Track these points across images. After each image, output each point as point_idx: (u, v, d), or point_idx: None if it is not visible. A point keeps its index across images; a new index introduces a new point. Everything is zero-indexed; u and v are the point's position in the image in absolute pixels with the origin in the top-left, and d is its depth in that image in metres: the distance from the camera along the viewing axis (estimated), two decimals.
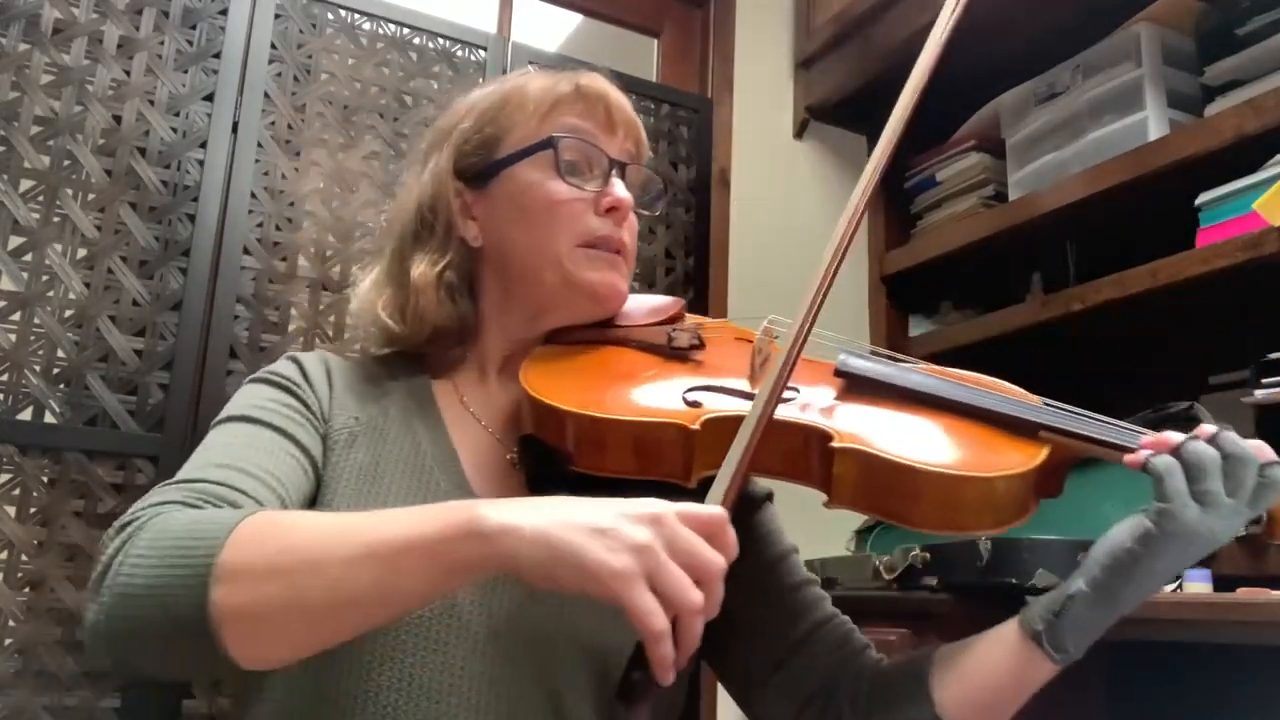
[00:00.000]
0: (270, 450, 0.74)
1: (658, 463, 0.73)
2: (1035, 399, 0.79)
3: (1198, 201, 1.52)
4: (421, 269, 0.85)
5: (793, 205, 2.19)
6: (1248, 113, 1.44)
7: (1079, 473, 1.90)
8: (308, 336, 1.67)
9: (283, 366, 0.85)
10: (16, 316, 1.47)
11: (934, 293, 2.15)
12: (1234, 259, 1.42)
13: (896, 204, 2.22)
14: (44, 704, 1.39)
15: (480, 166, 0.87)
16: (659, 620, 0.54)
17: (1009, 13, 1.82)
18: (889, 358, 0.85)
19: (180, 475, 0.71)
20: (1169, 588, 1.43)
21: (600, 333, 0.87)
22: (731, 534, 0.59)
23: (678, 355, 0.84)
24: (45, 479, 1.45)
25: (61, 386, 1.48)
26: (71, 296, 1.50)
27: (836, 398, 0.78)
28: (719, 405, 0.75)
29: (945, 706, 0.75)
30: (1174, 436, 0.70)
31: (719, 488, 0.63)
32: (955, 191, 2.06)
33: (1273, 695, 1.26)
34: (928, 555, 1.42)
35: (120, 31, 1.60)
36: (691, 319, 0.92)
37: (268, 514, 0.63)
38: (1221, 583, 1.41)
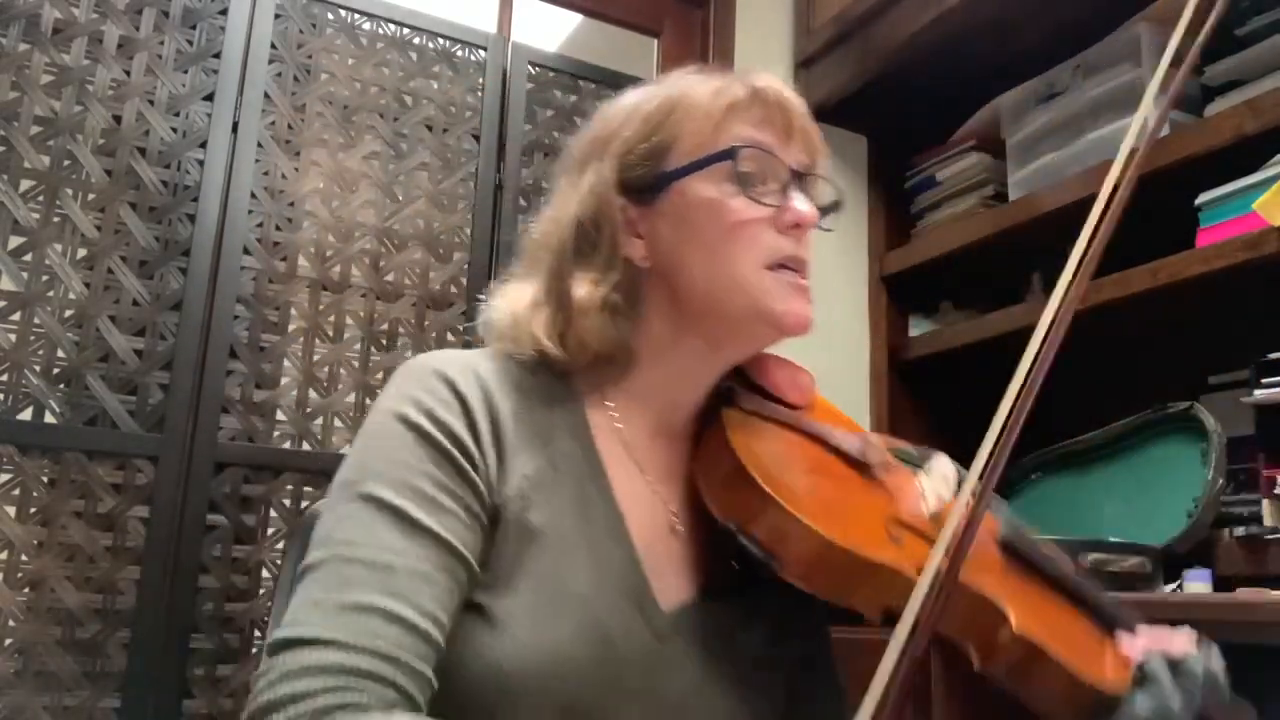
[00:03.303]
0: (430, 576, 0.64)
1: (853, 594, 0.68)
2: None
3: (1198, 201, 1.52)
4: (585, 290, 0.76)
5: None
6: (1248, 113, 1.44)
7: (1079, 474, 1.90)
8: (308, 336, 1.67)
9: (442, 407, 0.70)
10: (16, 316, 1.47)
11: (934, 293, 2.15)
12: (1234, 259, 1.42)
13: (896, 204, 2.21)
14: (44, 704, 1.39)
15: (647, 179, 0.78)
16: None
17: (1009, 13, 1.82)
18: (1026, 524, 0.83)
19: (320, 612, 0.61)
20: (1169, 588, 1.43)
21: (792, 415, 0.79)
22: None
23: (868, 474, 0.76)
24: (45, 479, 1.45)
25: (61, 386, 1.48)
26: (71, 296, 1.50)
27: (1001, 567, 0.75)
28: (919, 554, 0.68)
29: None
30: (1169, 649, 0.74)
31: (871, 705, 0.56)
32: (955, 191, 2.06)
33: (1273, 695, 1.26)
34: None
35: (120, 31, 1.60)
36: (828, 407, 0.85)
37: None
38: (1221, 583, 1.41)
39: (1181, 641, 0.75)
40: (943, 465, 0.82)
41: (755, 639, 0.74)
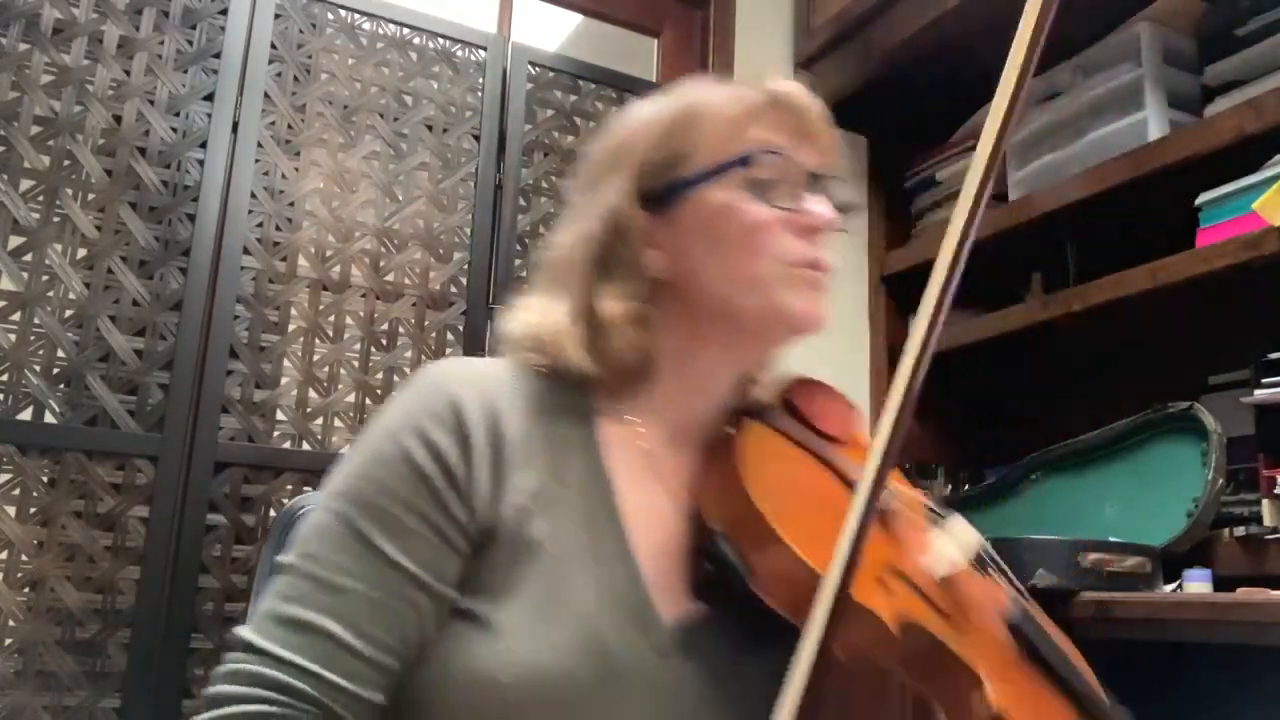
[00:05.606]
0: (381, 602, 0.65)
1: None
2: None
3: (1198, 201, 1.52)
4: (611, 305, 0.76)
5: None
6: (1248, 113, 1.44)
7: (1078, 474, 1.90)
8: (308, 337, 1.67)
9: (437, 427, 0.69)
10: (16, 316, 1.47)
11: None
12: (1234, 259, 1.42)
13: (896, 204, 2.21)
14: (44, 704, 1.39)
15: (661, 189, 0.78)
16: None
17: (1009, 13, 1.82)
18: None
19: (268, 620, 0.64)
20: (1169, 588, 1.43)
21: (818, 443, 0.77)
22: None
23: (883, 521, 0.73)
24: (45, 479, 1.45)
25: (61, 386, 1.48)
26: (71, 296, 1.50)
27: (1000, 644, 0.72)
28: (908, 608, 0.68)
29: None
30: None
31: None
32: (956, 192, 2.05)
33: (1273, 695, 1.26)
34: None
35: (120, 31, 1.60)
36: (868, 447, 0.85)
37: None
38: (1221, 583, 1.41)
39: None
40: (962, 530, 0.79)
41: (762, 655, 0.73)
